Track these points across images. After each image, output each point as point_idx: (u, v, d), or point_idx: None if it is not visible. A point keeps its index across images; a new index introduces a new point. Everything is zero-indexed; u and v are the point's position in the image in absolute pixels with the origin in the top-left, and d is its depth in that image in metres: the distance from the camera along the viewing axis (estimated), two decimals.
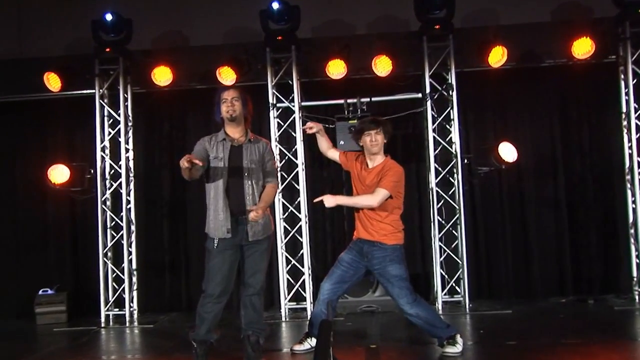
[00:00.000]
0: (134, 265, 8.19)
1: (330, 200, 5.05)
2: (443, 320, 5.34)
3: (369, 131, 5.14)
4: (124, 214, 8.11)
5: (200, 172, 4.99)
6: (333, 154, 5.62)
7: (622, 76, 7.69)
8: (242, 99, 5.18)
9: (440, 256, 7.87)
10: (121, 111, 8.19)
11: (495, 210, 8.44)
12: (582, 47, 7.63)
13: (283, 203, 8.05)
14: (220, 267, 5.06)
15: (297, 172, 7.98)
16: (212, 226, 5.08)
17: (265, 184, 5.24)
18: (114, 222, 8.20)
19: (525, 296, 8.24)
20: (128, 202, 8.18)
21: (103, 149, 8.22)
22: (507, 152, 7.67)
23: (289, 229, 7.98)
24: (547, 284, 8.30)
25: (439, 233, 7.87)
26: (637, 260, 7.63)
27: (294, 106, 8.02)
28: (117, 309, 8.17)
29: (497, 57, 7.70)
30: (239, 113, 5.14)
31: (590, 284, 8.24)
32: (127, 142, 8.22)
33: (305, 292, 7.79)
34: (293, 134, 8.09)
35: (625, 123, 7.73)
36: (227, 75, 7.96)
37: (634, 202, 7.62)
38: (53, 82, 8.05)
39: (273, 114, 7.99)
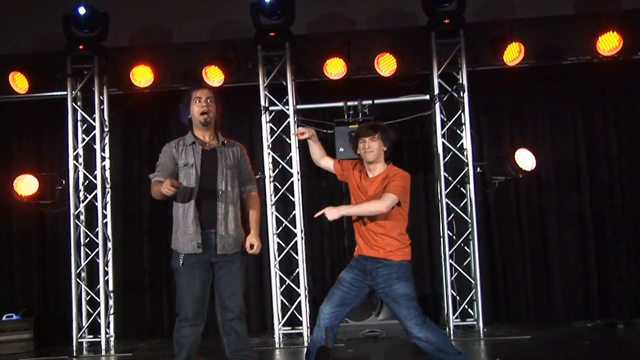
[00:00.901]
0: (111, 287, 8.14)
1: (332, 213, 4.98)
2: (454, 347, 5.27)
3: (364, 137, 5.09)
4: (99, 229, 8.06)
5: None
6: (327, 163, 5.56)
7: None
8: (216, 100, 5.15)
9: (451, 275, 7.84)
10: (96, 115, 8.15)
11: (511, 224, 8.42)
12: (609, 43, 7.63)
13: (276, 216, 8.00)
14: (191, 286, 5.00)
15: (292, 182, 7.95)
16: (180, 240, 5.02)
17: (244, 193, 5.24)
18: (88, 239, 8.15)
19: (547, 320, 8.21)
20: (104, 216, 8.13)
21: (76, 157, 8.17)
22: (525, 159, 7.66)
23: (283, 245, 7.92)
24: (571, 306, 8.27)
25: (450, 249, 7.84)
26: None
27: (288, 109, 8.00)
28: (91, 336, 8.12)
29: (513, 54, 7.70)
30: (213, 115, 5.10)
31: (619, 307, 8.20)
32: (102, 150, 8.18)
33: (301, 315, 7.73)
34: (287, 140, 8.07)
35: None
36: (214, 75, 7.95)
37: None
38: (19, 82, 8.03)
39: (265, 118, 7.97)
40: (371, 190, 5.11)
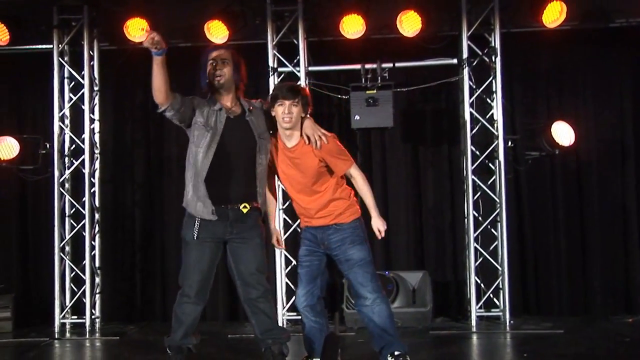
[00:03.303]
0: (98, 264, 8.20)
1: (382, 226, 5.16)
2: (397, 330, 5.35)
3: (284, 100, 5.08)
4: (86, 199, 8.12)
5: (177, 104, 5.05)
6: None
7: None
8: (234, 63, 5.16)
9: (476, 260, 7.86)
10: (85, 72, 8.18)
11: (545, 205, 8.42)
12: None
13: (283, 189, 8.00)
14: (199, 261, 5.12)
15: None
16: (194, 204, 5.07)
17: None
18: (74, 209, 8.22)
19: (582, 313, 8.24)
20: (92, 184, 8.18)
21: (62, 119, 8.22)
22: (563, 133, 7.65)
23: (290, 222, 7.93)
24: (609, 298, 8.29)
25: (475, 232, 7.86)
26: None
27: (299, 71, 8.00)
28: (75, 317, 8.21)
29: (554, 14, 7.66)
30: (227, 79, 5.17)
31: None
32: (92, 111, 8.22)
33: None
34: None
35: None
36: (217, 31, 7.94)
37: None
38: (0, 33, 7.99)
39: (273, 79, 7.98)
40: (306, 164, 5.11)
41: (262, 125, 5.20)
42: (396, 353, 5.22)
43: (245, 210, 5.08)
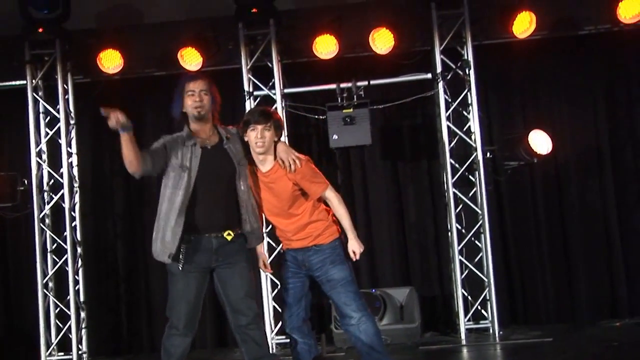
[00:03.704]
0: (82, 298, 8.15)
1: (358, 249, 5.14)
2: (385, 347, 5.38)
3: (256, 125, 5.12)
4: (67, 233, 8.09)
5: (148, 166, 4.99)
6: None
7: None
8: (211, 91, 5.18)
9: (462, 273, 7.89)
10: (60, 106, 8.18)
11: (527, 214, 8.49)
12: (631, 8, 7.67)
13: None
14: (185, 293, 5.06)
15: None
16: (158, 246, 5.05)
17: None
18: (55, 245, 8.19)
19: (570, 321, 8.27)
20: (73, 218, 8.16)
21: (39, 154, 8.20)
22: (540, 142, 7.71)
23: (274, 245, 7.93)
24: (596, 304, 8.33)
25: (459, 245, 7.89)
26: None
27: (275, 94, 8.04)
28: (62, 353, 8.15)
29: (524, 25, 7.75)
30: (207, 109, 5.16)
31: None
32: (69, 145, 8.21)
33: None
34: None
35: None
36: (191, 58, 7.99)
37: None
38: None
39: (249, 103, 8.00)
40: (280, 188, 5.14)
41: (240, 151, 5.19)
42: None
43: (229, 238, 5.07)
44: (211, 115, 5.23)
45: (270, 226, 7.86)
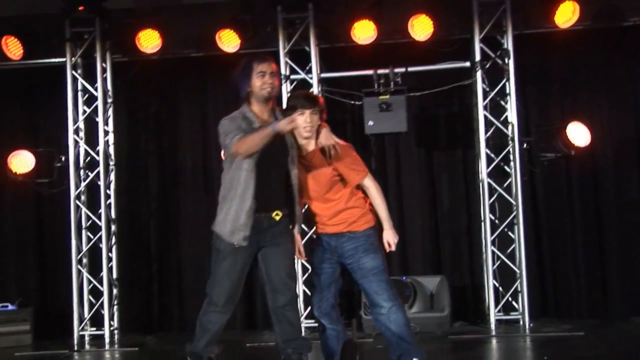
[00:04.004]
0: (115, 275, 8.25)
1: (393, 240, 5.13)
2: (414, 338, 5.36)
3: (303, 109, 5.10)
4: (102, 211, 8.17)
5: None
6: None
7: None
8: (277, 74, 5.22)
9: (493, 264, 7.87)
10: (98, 84, 8.25)
11: (562, 207, 8.41)
12: None
13: None
14: (230, 271, 5.11)
15: None
16: (228, 227, 5.07)
17: None
18: (90, 222, 8.28)
19: (602, 315, 8.21)
20: (108, 196, 8.24)
21: (76, 132, 8.28)
22: (578, 134, 7.65)
23: (306, 229, 7.94)
24: (629, 299, 8.24)
25: (492, 235, 7.87)
26: None
27: (311, 78, 8.04)
28: (94, 329, 8.26)
29: (567, 15, 7.67)
30: (276, 91, 5.19)
31: None
32: (106, 123, 8.28)
33: None
34: None
35: None
36: (228, 41, 8.00)
37: None
38: (12, 48, 8.12)
39: (286, 87, 8.01)
40: (320, 172, 5.13)
41: (290, 135, 5.21)
42: None
43: (277, 218, 5.11)
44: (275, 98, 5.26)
45: (304, 209, 7.95)
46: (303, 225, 7.81)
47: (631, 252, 8.26)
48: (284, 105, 5.41)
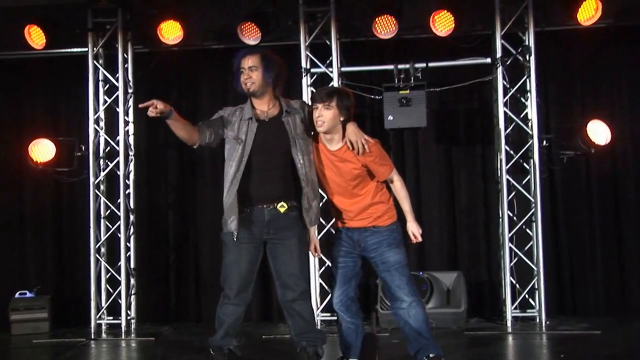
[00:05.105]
0: (133, 265, 8.29)
1: (418, 231, 5.18)
2: (431, 333, 5.36)
3: (316, 103, 5.08)
4: (121, 201, 8.20)
5: (206, 138, 5.21)
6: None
7: None
8: (264, 65, 5.18)
9: (511, 261, 7.85)
10: (120, 75, 8.27)
11: (581, 205, 8.38)
12: None
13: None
14: (237, 263, 5.20)
15: None
16: (224, 216, 5.18)
17: None
18: (109, 211, 8.31)
19: (620, 313, 8.17)
20: (127, 186, 8.27)
21: (97, 121, 8.32)
22: (598, 132, 7.62)
23: (323, 222, 7.96)
24: None
25: (510, 232, 7.85)
26: None
27: (332, 72, 8.03)
28: (111, 317, 8.30)
29: (589, 12, 7.61)
30: (258, 84, 5.20)
31: None
32: (126, 114, 8.30)
33: None
34: None
35: None
36: (250, 33, 8.00)
37: None
38: (36, 37, 8.13)
39: (306, 80, 8.01)
40: (347, 168, 5.13)
41: (299, 126, 5.22)
42: (431, 356, 5.24)
43: (282, 210, 5.13)
44: (270, 88, 5.26)
45: (322, 203, 7.95)
46: (320, 218, 7.88)
47: None
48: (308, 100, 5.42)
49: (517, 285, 7.87)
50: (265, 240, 5.21)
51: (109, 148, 8.34)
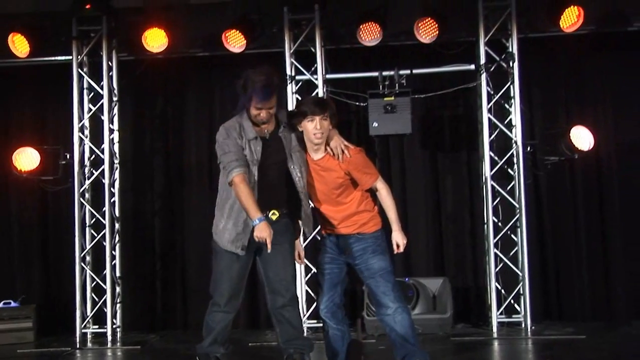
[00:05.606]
0: (118, 273, 8.26)
1: (402, 241, 5.14)
2: (418, 339, 5.37)
3: (314, 116, 5.07)
4: (106, 209, 8.17)
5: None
6: None
7: None
8: (278, 104, 5.15)
9: (496, 266, 7.86)
10: (104, 83, 8.25)
11: (565, 210, 8.42)
12: None
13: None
14: (228, 270, 5.17)
15: None
16: (226, 237, 5.10)
17: None
18: (94, 219, 8.28)
19: (604, 318, 8.21)
20: (112, 194, 8.25)
21: (82, 129, 8.29)
22: (582, 138, 7.64)
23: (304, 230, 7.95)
24: (632, 303, 8.24)
25: (495, 237, 7.87)
26: None
27: (316, 79, 8.04)
28: (96, 326, 8.26)
29: (571, 19, 7.65)
30: (268, 120, 5.12)
31: None
32: (111, 121, 8.28)
33: None
34: None
35: None
36: (235, 40, 8.00)
37: None
38: (19, 45, 8.10)
39: (291, 88, 8.02)
40: (331, 177, 5.13)
41: (292, 139, 5.19)
42: None
43: (274, 218, 5.12)
44: None
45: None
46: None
47: (634, 255, 8.25)
48: (293, 108, 5.39)
49: (503, 291, 7.88)
50: (257, 247, 5.17)
51: (94, 156, 8.31)
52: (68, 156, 8.25)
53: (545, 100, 8.50)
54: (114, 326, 8.14)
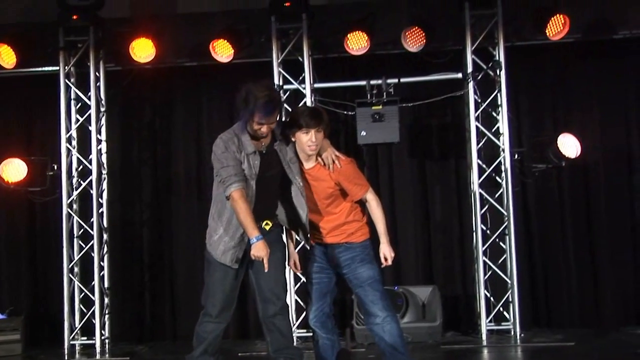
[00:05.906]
0: (107, 284, 8.22)
1: (389, 254, 5.13)
2: (407, 347, 5.37)
3: (309, 128, 5.06)
4: (94, 219, 8.14)
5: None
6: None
7: None
8: (279, 121, 5.17)
9: (485, 274, 7.87)
10: (92, 93, 8.23)
11: (553, 217, 8.43)
12: None
13: None
14: (222, 282, 5.14)
15: None
16: (221, 249, 5.08)
17: None
18: (82, 230, 8.25)
19: (593, 325, 8.22)
20: (100, 205, 8.21)
21: (69, 140, 8.26)
22: (569, 145, 7.67)
23: (298, 238, 7.93)
24: (620, 310, 8.28)
25: (483, 245, 7.87)
26: None
27: (304, 88, 8.05)
28: (84, 338, 8.21)
29: (558, 27, 7.69)
30: (267, 134, 5.11)
31: None
32: (99, 132, 8.26)
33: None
34: None
35: None
36: (222, 50, 8.01)
37: None
38: (6, 56, 8.08)
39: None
40: (321, 187, 5.13)
41: (289, 151, 5.17)
42: None
43: (267, 228, 5.11)
44: None
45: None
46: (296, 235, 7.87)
47: (622, 262, 8.28)
48: (285, 118, 5.37)
49: (492, 299, 7.90)
50: (250, 259, 5.15)
51: (81, 167, 8.28)
52: (55, 167, 8.21)
53: (532, 108, 8.54)
54: (103, 337, 8.09)
